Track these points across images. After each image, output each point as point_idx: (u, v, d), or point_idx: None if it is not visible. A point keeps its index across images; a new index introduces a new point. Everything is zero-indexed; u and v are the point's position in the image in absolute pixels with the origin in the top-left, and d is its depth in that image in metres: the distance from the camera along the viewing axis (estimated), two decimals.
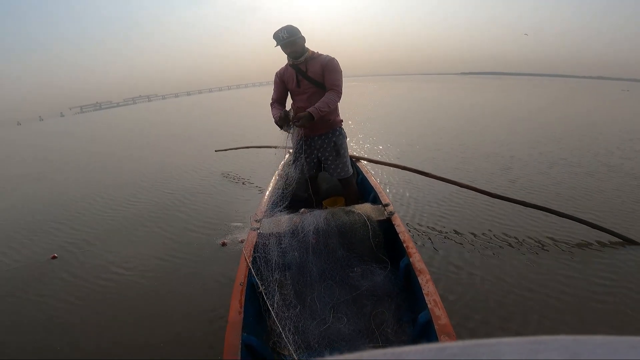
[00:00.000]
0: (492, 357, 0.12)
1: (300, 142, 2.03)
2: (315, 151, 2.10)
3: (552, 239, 2.33)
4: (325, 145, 2.06)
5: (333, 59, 1.92)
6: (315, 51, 1.96)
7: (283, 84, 2.05)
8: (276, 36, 1.87)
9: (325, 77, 1.91)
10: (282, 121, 1.91)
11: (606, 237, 2.28)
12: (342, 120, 2.11)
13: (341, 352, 1.27)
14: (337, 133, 2.07)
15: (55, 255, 2.55)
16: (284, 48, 1.90)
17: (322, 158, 2.10)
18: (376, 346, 1.29)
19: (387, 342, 1.30)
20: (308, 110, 1.85)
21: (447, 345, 0.13)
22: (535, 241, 2.31)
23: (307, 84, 1.95)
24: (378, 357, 0.13)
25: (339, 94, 1.92)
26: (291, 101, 2.11)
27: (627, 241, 2.23)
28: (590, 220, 2.32)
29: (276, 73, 2.07)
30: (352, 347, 1.28)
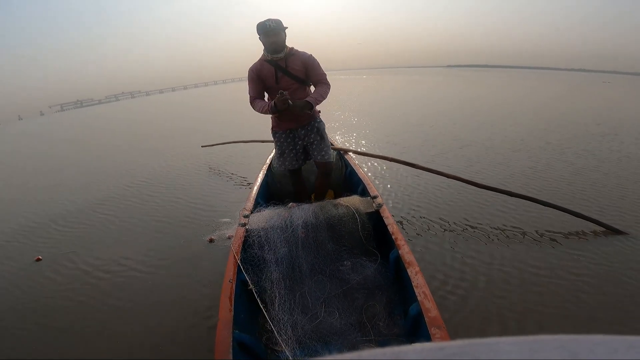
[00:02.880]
0: (491, 356, 0.12)
1: (284, 134, 2.06)
2: (300, 141, 2.13)
3: (537, 229, 2.36)
4: (309, 133, 2.11)
5: (311, 55, 1.97)
6: (292, 47, 1.95)
7: (260, 81, 1.97)
8: (262, 25, 1.83)
9: (310, 74, 1.96)
10: (281, 102, 1.79)
11: (591, 227, 2.31)
12: (320, 111, 2.19)
13: (334, 346, 1.26)
14: (318, 120, 2.15)
15: (40, 257, 2.45)
16: (267, 37, 1.85)
17: (307, 144, 2.13)
18: (368, 339, 1.29)
19: (379, 336, 1.29)
20: (307, 99, 1.90)
21: (446, 345, 0.13)
22: (521, 231, 2.34)
23: (287, 80, 1.94)
24: (377, 356, 0.13)
25: (328, 85, 2.01)
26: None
27: (613, 231, 2.26)
28: (575, 210, 2.35)
29: (250, 69, 1.98)
30: (345, 341, 1.27)
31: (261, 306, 1.26)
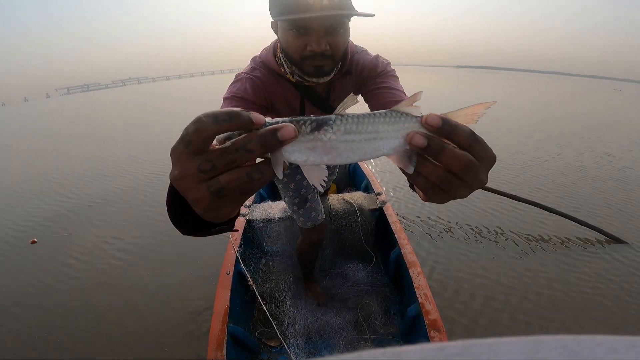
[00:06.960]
0: (492, 356, 0.12)
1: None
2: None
3: (541, 234, 2.33)
4: None
5: (382, 59, 0.86)
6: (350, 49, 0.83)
7: (259, 109, 0.76)
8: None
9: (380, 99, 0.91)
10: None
11: (593, 235, 2.29)
12: None
13: (331, 343, 1.25)
14: None
15: (35, 240, 2.43)
16: (301, 36, 0.65)
17: None
18: (364, 337, 1.28)
19: (375, 334, 1.28)
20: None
21: (446, 345, 0.13)
22: (525, 236, 2.31)
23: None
24: (377, 356, 0.13)
25: None
26: None
27: (615, 240, 2.25)
28: (579, 218, 2.32)
29: (241, 85, 0.74)
30: (341, 339, 1.25)
31: (261, 301, 1.24)
